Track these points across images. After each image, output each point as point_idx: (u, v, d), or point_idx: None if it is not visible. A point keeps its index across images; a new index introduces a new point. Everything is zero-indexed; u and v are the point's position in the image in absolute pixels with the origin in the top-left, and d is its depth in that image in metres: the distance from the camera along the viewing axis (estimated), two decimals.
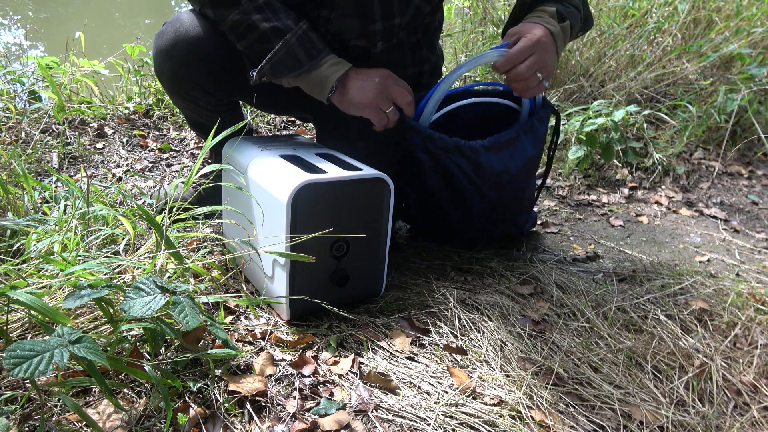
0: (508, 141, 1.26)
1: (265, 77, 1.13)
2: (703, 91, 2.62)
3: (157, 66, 1.27)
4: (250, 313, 1.09)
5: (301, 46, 1.12)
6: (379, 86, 1.17)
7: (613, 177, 2.22)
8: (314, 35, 1.14)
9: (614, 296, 1.31)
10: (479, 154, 1.24)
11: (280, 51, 1.11)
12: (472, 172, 1.27)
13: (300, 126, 2.41)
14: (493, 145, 1.24)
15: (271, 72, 1.13)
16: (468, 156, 1.25)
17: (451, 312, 1.14)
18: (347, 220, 1.05)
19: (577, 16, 1.26)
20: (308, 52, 1.13)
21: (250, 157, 1.16)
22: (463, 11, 3.14)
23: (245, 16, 1.11)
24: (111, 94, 2.42)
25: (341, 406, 0.86)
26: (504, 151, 1.27)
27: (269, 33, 1.11)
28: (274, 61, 1.11)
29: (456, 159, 1.26)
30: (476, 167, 1.26)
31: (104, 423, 0.77)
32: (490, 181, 1.29)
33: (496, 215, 1.40)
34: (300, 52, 1.12)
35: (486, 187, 1.30)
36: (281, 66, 1.12)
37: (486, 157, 1.25)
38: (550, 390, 0.96)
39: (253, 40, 1.12)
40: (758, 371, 1.10)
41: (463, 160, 1.26)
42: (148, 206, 1.44)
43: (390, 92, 1.20)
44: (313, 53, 1.13)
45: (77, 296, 0.75)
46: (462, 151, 1.25)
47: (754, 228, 1.96)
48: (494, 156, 1.26)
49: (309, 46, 1.13)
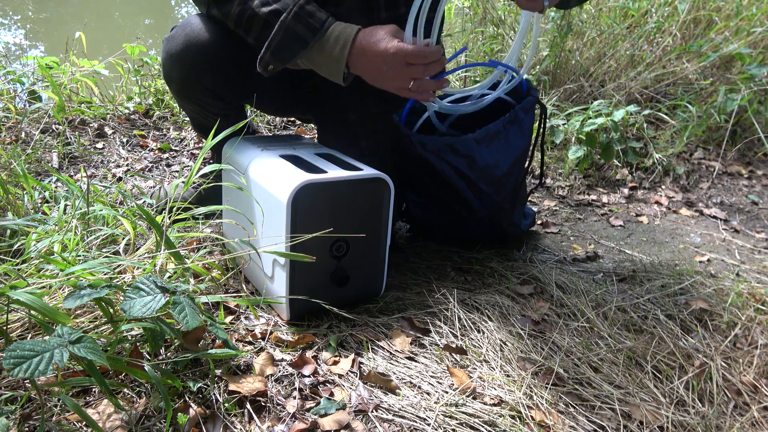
0: (497, 133, 1.28)
1: (272, 66, 1.06)
2: (703, 91, 2.62)
3: (167, 70, 1.26)
4: (250, 313, 1.09)
5: (300, 22, 1.03)
6: (392, 72, 1.05)
7: (613, 177, 2.22)
8: (312, 7, 1.05)
9: (614, 296, 1.31)
10: (471, 148, 1.26)
11: (277, 34, 1.03)
12: (467, 167, 1.28)
13: (300, 126, 2.41)
14: (483, 137, 1.26)
15: (274, 59, 1.05)
16: (460, 152, 1.26)
17: (451, 312, 1.14)
18: (347, 220, 1.05)
19: None
20: (310, 26, 1.03)
21: (250, 157, 1.16)
22: (463, 11, 3.14)
23: (245, 5, 1.07)
24: (111, 94, 2.42)
25: (341, 406, 0.86)
26: (494, 143, 1.28)
27: (270, 18, 1.04)
28: (275, 47, 1.04)
29: (449, 158, 1.27)
30: (470, 162, 1.28)
31: (104, 423, 0.77)
32: (484, 177, 1.31)
33: (494, 211, 1.40)
34: (300, 28, 1.03)
35: (482, 183, 1.31)
36: (284, 51, 1.04)
37: (478, 150, 1.27)
38: (550, 390, 0.96)
39: (259, 30, 1.06)
40: (758, 371, 1.10)
41: (457, 157, 1.27)
42: (148, 206, 1.44)
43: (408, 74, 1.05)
44: (316, 26, 1.03)
45: (77, 296, 0.75)
46: (454, 148, 1.26)
47: (754, 228, 1.96)
48: (485, 149, 1.28)
49: (309, 20, 1.03)
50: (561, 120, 2.27)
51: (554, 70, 2.68)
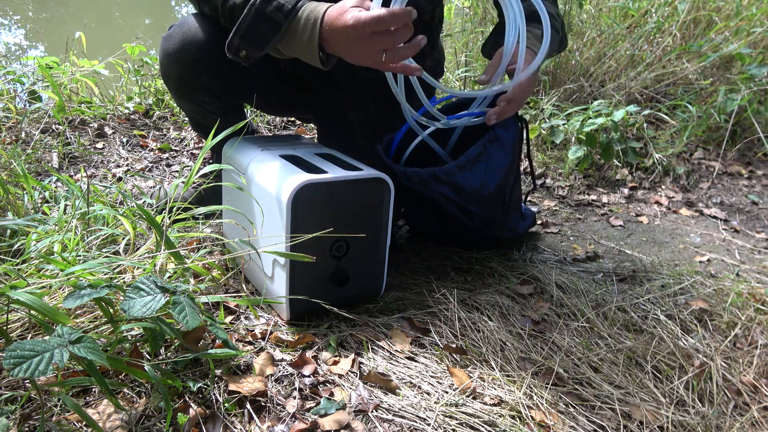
0: (477, 156, 1.25)
1: (244, 51, 1.01)
2: (703, 91, 2.62)
3: (164, 69, 1.27)
4: (250, 313, 1.09)
5: (270, 3, 0.96)
6: (357, 46, 0.96)
7: (613, 177, 2.22)
8: None
9: (614, 296, 1.31)
10: (455, 176, 1.24)
11: (247, 17, 0.97)
12: (454, 194, 1.27)
13: (300, 126, 2.41)
14: (465, 163, 1.24)
15: (245, 43, 0.99)
16: (445, 181, 1.25)
17: (451, 312, 1.14)
18: (347, 220, 1.05)
19: (555, 39, 1.27)
20: (280, 8, 0.96)
21: (250, 157, 1.16)
22: (463, 11, 3.14)
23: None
24: (111, 94, 2.42)
25: (341, 406, 0.86)
26: (477, 165, 1.26)
27: (244, 3, 1.00)
28: (244, 30, 0.98)
29: (435, 187, 1.26)
30: (457, 190, 1.26)
31: (104, 423, 0.77)
32: (473, 200, 1.29)
33: (485, 224, 1.40)
34: (270, 10, 0.96)
35: (472, 206, 1.31)
36: (255, 35, 0.98)
37: (462, 177, 1.25)
38: (550, 390, 0.96)
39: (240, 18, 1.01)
40: (758, 371, 1.10)
41: (443, 186, 1.26)
42: (148, 206, 1.44)
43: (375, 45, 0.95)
44: (287, 7, 0.97)
45: (77, 296, 0.75)
46: (438, 178, 1.24)
47: (754, 228, 1.96)
48: (469, 174, 1.25)
49: (280, 0, 0.96)
50: (561, 120, 2.27)
51: (554, 70, 2.68)
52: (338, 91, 1.37)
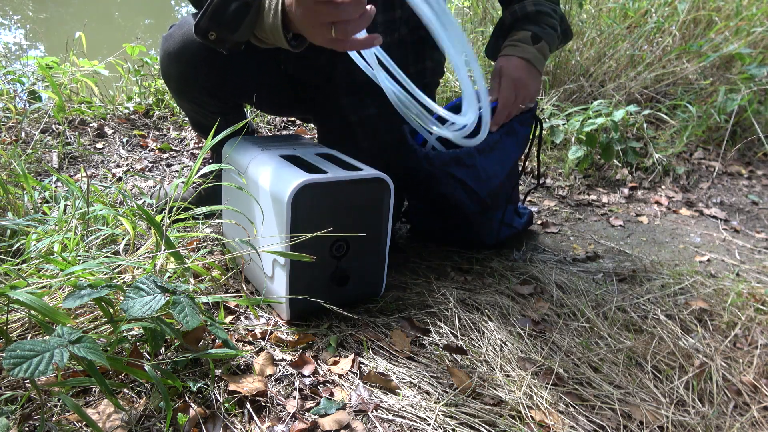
0: (495, 144, 1.30)
1: (214, 33, 0.95)
2: (703, 91, 2.62)
3: (165, 69, 1.27)
4: (250, 313, 1.09)
5: None
6: (304, 21, 0.87)
7: (613, 177, 2.22)
8: None
9: (614, 296, 1.31)
10: (475, 158, 1.27)
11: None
12: (472, 180, 1.29)
13: (300, 126, 2.41)
14: (484, 146, 1.27)
15: (214, 23, 0.93)
16: (466, 164, 1.27)
17: (451, 312, 1.14)
18: (347, 220, 1.05)
19: (553, 36, 1.32)
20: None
21: (250, 157, 1.16)
22: (463, 11, 3.14)
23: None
24: (111, 94, 2.42)
25: (341, 406, 0.86)
26: (493, 153, 1.30)
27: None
28: (212, 9, 0.92)
29: (454, 171, 1.28)
30: (474, 174, 1.29)
31: (104, 423, 0.77)
32: (485, 188, 1.32)
33: (485, 210, 1.41)
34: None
35: (483, 194, 1.33)
36: (224, 15, 0.92)
37: (480, 160, 1.28)
38: (550, 390, 0.96)
39: None
40: (758, 371, 1.10)
41: (462, 169, 1.28)
42: (148, 206, 1.44)
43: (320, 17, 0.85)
44: None
45: (77, 296, 0.75)
46: (459, 159, 1.27)
47: (754, 228, 1.96)
48: (486, 159, 1.29)
49: None
50: (561, 120, 2.27)
51: (554, 70, 2.68)
52: (338, 91, 1.37)
